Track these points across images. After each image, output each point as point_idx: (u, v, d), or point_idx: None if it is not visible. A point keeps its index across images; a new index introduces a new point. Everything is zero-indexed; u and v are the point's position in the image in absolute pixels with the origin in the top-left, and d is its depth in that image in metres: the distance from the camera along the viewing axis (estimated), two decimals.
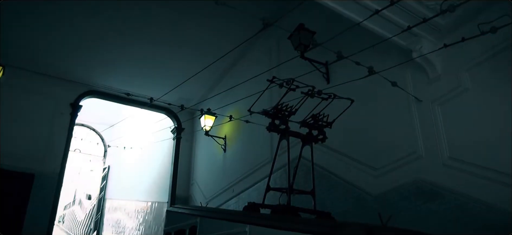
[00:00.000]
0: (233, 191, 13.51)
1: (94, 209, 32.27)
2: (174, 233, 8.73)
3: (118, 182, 28.10)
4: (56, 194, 14.05)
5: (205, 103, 14.45)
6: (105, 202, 30.31)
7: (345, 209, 8.50)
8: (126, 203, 25.45)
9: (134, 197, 24.10)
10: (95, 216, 30.84)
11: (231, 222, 6.72)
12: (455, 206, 6.47)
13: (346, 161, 8.88)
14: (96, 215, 30.56)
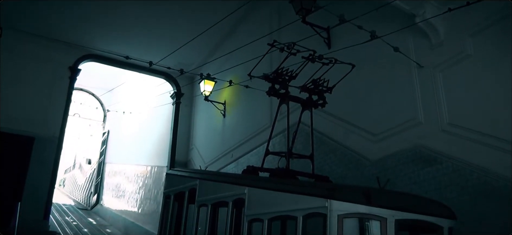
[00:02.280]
0: (232, 156, 13.60)
1: (94, 173, 32.61)
2: (174, 195, 8.82)
3: (117, 146, 28.27)
4: (56, 157, 14.14)
5: (204, 67, 14.35)
6: (105, 166, 30.59)
7: (344, 174, 8.57)
8: (125, 167, 25.68)
9: (134, 161, 24.29)
10: (95, 180, 31.19)
11: (230, 184, 6.77)
12: (453, 171, 6.51)
13: (345, 127, 8.89)
14: (96, 179, 30.90)
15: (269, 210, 5.51)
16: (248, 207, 6.00)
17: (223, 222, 6.79)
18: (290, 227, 6.49)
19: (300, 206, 4.93)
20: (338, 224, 4.45)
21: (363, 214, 4.56)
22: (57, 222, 22.22)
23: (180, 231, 8.10)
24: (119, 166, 27.23)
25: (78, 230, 22.05)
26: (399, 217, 4.52)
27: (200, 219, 7.58)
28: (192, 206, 7.91)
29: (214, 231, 7.51)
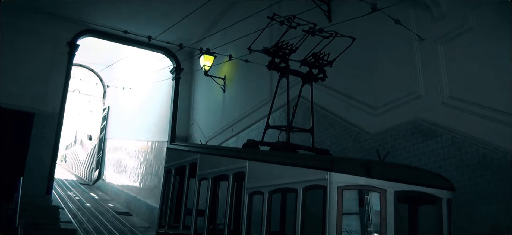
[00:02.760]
0: (232, 131, 13.64)
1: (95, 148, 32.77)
2: (175, 170, 8.89)
3: (118, 122, 28.33)
4: (57, 133, 14.19)
5: (204, 42, 14.24)
6: (106, 142, 30.72)
7: (343, 148, 8.62)
8: (126, 143, 25.80)
9: (135, 137, 24.38)
10: (96, 156, 31.37)
11: (231, 158, 6.82)
12: (452, 144, 6.55)
13: (345, 101, 8.90)
14: (98, 154, 31.07)
15: (270, 183, 5.57)
16: (249, 180, 6.06)
17: (224, 195, 6.87)
18: (291, 199, 6.59)
19: (300, 179, 4.98)
20: (338, 196, 4.51)
21: (362, 186, 4.62)
22: (59, 197, 22.44)
23: (182, 204, 8.19)
24: (120, 142, 27.35)
25: (80, 205, 22.30)
26: (398, 189, 4.57)
27: (201, 193, 7.67)
28: (193, 180, 8.00)
29: (215, 204, 7.62)
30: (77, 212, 19.93)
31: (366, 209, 4.92)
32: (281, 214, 7.26)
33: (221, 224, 7.16)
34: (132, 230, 17.60)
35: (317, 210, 4.76)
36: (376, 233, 4.67)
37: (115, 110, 29.54)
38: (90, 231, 16.12)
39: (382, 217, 4.50)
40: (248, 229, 5.89)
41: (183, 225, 7.90)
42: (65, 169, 40.15)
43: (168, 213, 8.82)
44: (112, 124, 29.74)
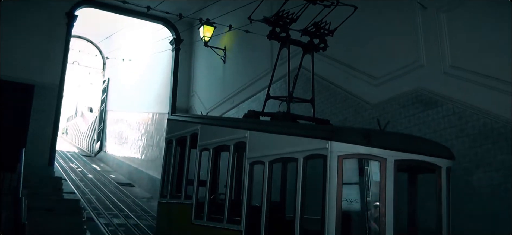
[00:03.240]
0: (232, 102, 13.64)
1: (96, 120, 32.85)
2: (176, 140, 8.92)
3: (118, 94, 28.30)
4: (58, 105, 14.18)
5: (203, 12, 14.06)
6: (107, 114, 30.77)
7: (344, 118, 8.63)
8: (127, 115, 25.84)
9: (135, 109, 24.40)
10: (97, 128, 31.48)
11: (232, 128, 6.83)
12: (453, 114, 6.55)
13: (346, 71, 8.85)
14: (99, 126, 31.17)
15: (270, 153, 5.59)
16: (249, 150, 6.08)
17: (225, 166, 6.92)
18: (291, 169, 6.63)
19: (301, 148, 4.99)
20: (338, 165, 4.53)
21: (363, 155, 4.64)
22: (62, 169, 22.64)
23: (183, 175, 8.26)
24: (120, 114, 27.39)
25: (83, 176, 22.51)
26: (398, 158, 4.59)
27: (202, 163, 7.72)
28: (194, 150, 8.04)
29: (216, 175, 7.68)
30: (79, 183, 20.15)
31: (366, 179, 4.96)
32: (282, 184, 7.32)
33: (222, 194, 7.24)
34: (135, 200, 17.82)
35: (318, 180, 4.80)
36: (376, 202, 4.71)
37: (115, 82, 29.46)
38: (93, 201, 16.33)
39: (381, 185, 4.54)
40: (249, 198, 5.95)
41: (185, 195, 7.98)
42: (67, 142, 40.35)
43: (169, 184, 8.90)
44: (112, 96, 29.71)
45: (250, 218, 5.84)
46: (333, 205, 4.48)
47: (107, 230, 12.08)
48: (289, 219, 5.39)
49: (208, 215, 6.97)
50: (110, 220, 13.55)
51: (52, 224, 8.94)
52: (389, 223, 4.43)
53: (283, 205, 7.16)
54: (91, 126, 34.66)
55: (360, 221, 5.28)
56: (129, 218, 14.17)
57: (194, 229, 7.30)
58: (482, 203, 6.00)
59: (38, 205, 9.42)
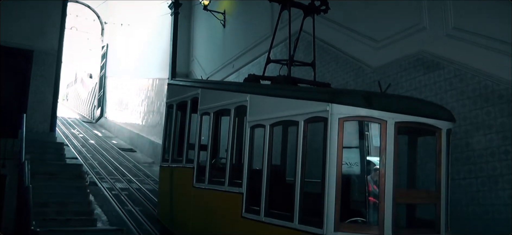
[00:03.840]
0: (233, 67, 13.56)
1: (96, 87, 32.79)
2: (176, 105, 8.92)
3: (117, 60, 28.11)
4: (57, 70, 14.08)
5: None
6: (106, 80, 30.68)
7: (345, 82, 8.59)
8: (127, 81, 25.77)
9: (135, 74, 24.30)
10: (98, 94, 31.46)
11: (232, 92, 6.81)
12: (454, 76, 6.51)
13: (347, 34, 8.75)
14: (99, 92, 31.14)
15: (271, 116, 5.59)
16: (250, 114, 6.07)
17: (226, 130, 6.93)
18: (292, 134, 6.64)
19: (302, 111, 4.98)
20: (338, 127, 4.53)
21: (363, 117, 4.63)
22: (63, 134, 22.77)
23: (184, 139, 8.30)
24: (120, 80, 27.31)
25: (84, 142, 22.66)
26: (399, 120, 4.58)
27: (203, 128, 7.74)
28: (195, 115, 8.05)
29: (217, 139, 7.71)
30: (81, 148, 20.30)
31: (366, 144, 4.96)
32: (282, 147, 7.36)
33: (223, 158, 7.29)
34: (137, 165, 18.00)
35: (318, 144, 4.82)
36: (376, 166, 4.74)
37: (114, 47, 29.23)
38: (95, 166, 16.51)
39: (382, 148, 4.55)
40: (250, 162, 5.99)
41: (186, 159, 8.04)
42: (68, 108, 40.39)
43: (171, 148, 8.96)
44: (111, 62, 29.54)
45: (251, 181, 5.90)
46: (333, 168, 4.51)
47: (110, 194, 12.26)
48: (290, 182, 5.44)
49: (210, 178, 7.04)
50: (113, 184, 13.73)
51: (56, 188, 9.06)
52: (389, 185, 4.47)
53: (284, 169, 7.22)
54: (91, 92, 34.62)
55: (360, 184, 5.34)
56: (131, 183, 14.36)
57: (195, 193, 7.40)
58: (481, 165, 6.05)
59: (41, 170, 9.53)
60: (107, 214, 10.11)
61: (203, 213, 7.19)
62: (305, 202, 4.92)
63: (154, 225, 9.71)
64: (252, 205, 5.70)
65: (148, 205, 11.49)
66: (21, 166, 7.75)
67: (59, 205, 8.32)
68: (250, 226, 5.66)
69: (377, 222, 4.48)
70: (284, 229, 4.98)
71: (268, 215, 5.32)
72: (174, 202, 8.47)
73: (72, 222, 7.77)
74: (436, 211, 4.80)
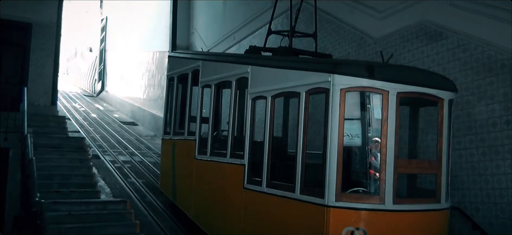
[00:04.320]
0: (233, 39, 13.45)
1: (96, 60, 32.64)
2: (177, 78, 8.88)
3: (117, 33, 27.88)
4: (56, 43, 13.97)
5: None
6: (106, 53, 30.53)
7: (347, 53, 8.53)
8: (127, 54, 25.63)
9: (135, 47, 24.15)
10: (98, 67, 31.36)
11: (233, 64, 6.77)
12: (457, 46, 6.45)
13: (349, 4, 8.63)
14: (99, 66, 31.04)
15: (272, 88, 5.56)
16: (251, 86, 6.04)
17: (227, 102, 6.92)
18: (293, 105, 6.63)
19: (303, 82, 4.96)
20: (340, 98, 4.51)
21: (365, 88, 4.60)
22: (65, 108, 22.80)
23: (185, 112, 8.30)
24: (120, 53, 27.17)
25: (86, 115, 22.71)
26: (401, 90, 4.56)
27: (204, 100, 7.73)
28: (196, 88, 8.02)
29: (218, 111, 7.71)
30: (83, 122, 20.37)
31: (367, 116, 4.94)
32: (284, 120, 7.36)
33: (225, 131, 7.30)
34: (139, 138, 18.09)
35: (319, 116, 4.81)
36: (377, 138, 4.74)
37: (113, 20, 28.97)
38: (97, 140, 16.59)
39: (383, 118, 4.54)
40: (252, 134, 5.99)
41: (188, 131, 8.06)
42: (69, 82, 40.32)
43: (172, 121, 8.98)
44: (111, 35, 29.32)
45: (253, 153, 5.92)
46: (335, 139, 4.51)
47: (113, 167, 12.37)
48: (291, 154, 5.46)
49: (212, 150, 7.07)
50: (115, 157, 13.83)
51: (59, 161, 9.12)
52: (390, 156, 4.48)
53: (285, 141, 7.23)
54: (91, 66, 34.49)
55: (361, 155, 5.36)
56: (134, 156, 14.46)
57: (197, 165, 7.45)
58: (482, 136, 6.06)
59: (43, 143, 9.57)
60: (111, 186, 10.22)
61: (205, 184, 7.25)
62: (307, 173, 4.94)
63: (157, 197, 9.82)
64: (254, 177, 5.74)
65: (150, 178, 11.60)
66: (24, 139, 7.79)
67: (62, 177, 8.39)
68: (252, 197, 5.72)
69: (378, 192, 4.51)
70: (285, 199, 5.03)
71: (270, 186, 5.36)
72: (176, 174, 8.54)
73: (76, 194, 7.83)
74: (437, 181, 4.83)
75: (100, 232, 6.66)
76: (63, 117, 12.93)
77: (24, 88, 10.16)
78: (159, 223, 8.31)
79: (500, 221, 5.78)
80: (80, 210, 7.19)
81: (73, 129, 15.41)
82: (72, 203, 7.27)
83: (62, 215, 6.84)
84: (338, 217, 4.42)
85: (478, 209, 6.06)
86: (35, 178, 5.63)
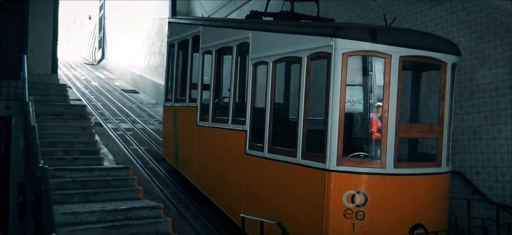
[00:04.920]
0: (234, 4, 13.24)
1: (96, 28, 32.35)
2: (178, 44, 8.80)
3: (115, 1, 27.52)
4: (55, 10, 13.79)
5: None
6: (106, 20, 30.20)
7: (349, 17, 8.40)
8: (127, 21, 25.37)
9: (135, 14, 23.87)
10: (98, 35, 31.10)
11: (234, 29, 6.69)
12: (462, 9, 6.34)
13: None
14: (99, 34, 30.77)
15: (274, 53, 5.51)
16: (253, 51, 6.00)
17: (228, 69, 6.88)
18: (295, 72, 6.59)
19: (305, 47, 4.90)
20: (342, 63, 4.47)
21: (368, 52, 4.55)
22: (66, 77, 22.74)
23: (186, 79, 8.26)
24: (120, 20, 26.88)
25: (87, 84, 22.68)
26: (403, 54, 4.51)
27: (205, 67, 7.69)
28: (197, 54, 7.97)
29: (219, 78, 7.67)
30: (84, 90, 20.35)
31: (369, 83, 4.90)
32: (285, 86, 7.33)
33: (226, 97, 7.29)
34: (140, 106, 18.11)
35: (321, 83, 4.77)
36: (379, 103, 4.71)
37: None
38: (99, 108, 16.61)
39: (386, 82, 4.51)
40: (253, 99, 5.98)
41: (189, 98, 8.06)
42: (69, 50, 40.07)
43: (173, 88, 8.95)
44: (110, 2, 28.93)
45: (255, 119, 5.93)
46: (336, 103, 4.50)
47: (115, 134, 12.42)
48: (293, 120, 5.46)
49: (213, 117, 7.08)
50: (117, 125, 13.88)
51: (61, 129, 9.16)
52: (392, 120, 4.47)
53: (287, 107, 7.23)
54: (91, 34, 34.21)
55: (363, 121, 5.35)
56: (136, 123, 14.50)
57: (199, 131, 7.48)
58: (485, 100, 6.03)
59: (45, 111, 9.59)
60: (113, 153, 10.29)
61: (207, 151, 7.30)
62: (308, 138, 4.96)
63: (159, 164, 9.91)
64: (255, 142, 5.77)
65: (153, 145, 11.67)
66: (25, 106, 7.79)
67: (65, 144, 8.44)
68: (253, 163, 5.76)
69: (379, 156, 4.53)
70: (287, 164, 5.07)
71: (272, 151, 5.39)
72: (178, 140, 8.59)
73: (79, 161, 7.90)
74: (438, 145, 4.84)
75: (104, 198, 6.75)
76: (64, 85, 12.91)
77: (24, 56, 10.08)
78: (162, 189, 8.42)
79: (500, 185, 5.83)
80: (84, 176, 7.27)
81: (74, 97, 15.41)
82: (75, 169, 7.34)
83: (66, 181, 6.93)
84: (339, 181, 4.46)
85: (478, 173, 6.10)
86: (37, 145, 5.67)
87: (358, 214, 4.40)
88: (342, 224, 4.40)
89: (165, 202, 7.64)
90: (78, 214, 5.81)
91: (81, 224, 5.68)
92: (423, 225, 4.58)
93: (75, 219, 5.74)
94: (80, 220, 5.77)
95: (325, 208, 4.43)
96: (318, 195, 4.53)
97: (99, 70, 28.92)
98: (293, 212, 4.94)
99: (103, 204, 6.38)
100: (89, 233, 5.53)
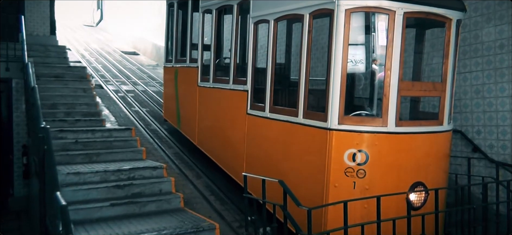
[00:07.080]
0: None
1: None
2: (177, 3, 8.61)
3: None
4: None
5: None
6: None
7: None
8: None
9: None
10: None
11: None
12: None
13: None
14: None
15: (275, 11, 5.41)
16: (253, 9, 5.88)
17: (229, 29, 6.77)
18: (296, 31, 6.48)
19: (307, 4, 4.80)
20: (345, 20, 4.39)
21: (371, 8, 4.46)
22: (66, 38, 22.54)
23: (187, 39, 8.16)
24: None
25: (87, 46, 22.50)
26: (408, 10, 4.42)
27: (205, 26, 7.57)
28: (197, 14, 7.82)
29: (220, 37, 7.57)
30: (84, 52, 20.21)
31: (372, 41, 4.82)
32: (287, 46, 7.24)
33: (227, 58, 7.22)
34: (141, 68, 18.02)
35: (323, 42, 4.69)
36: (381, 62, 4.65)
37: None
38: (99, 69, 16.53)
39: (389, 40, 4.44)
40: (254, 59, 5.92)
41: (190, 58, 7.98)
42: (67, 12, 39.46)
43: (173, 48, 8.86)
44: None
45: (256, 79, 5.89)
46: (339, 61, 4.44)
47: (116, 96, 12.41)
48: (294, 81, 5.41)
49: (214, 77, 7.04)
50: (118, 87, 13.85)
51: (62, 90, 9.14)
52: (394, 78, 4.43)
53: (288, 67, 7.17)
54: None
55: (365, 80, 5.31)
56: (136, 85, 14.47)
57: (200, 92, 7.45)
58: (489, 58, 5.96)
59: (45, 73, 9.55)
60: (115, 115, 10.32)
61: (208, 111, 7.30)
62: (310, 98, 4.93)
63: (161, 125, 9.94)
64: (257, 102, 5.75)
65: (154, 106, 11.68)
66: (25, 67, 7.74)
67: (67, 106, 8.44)
68: (255, 123, 5.76)
69: (381, 114, 4.52)
70: (289, 124, 5.06)
71: (273, 111, 5.38)
72: (180, 101, 8.57)
73: (81, 123, 7.93)
74: (440, 103, 4.82)
75: (107, 158, 6.81)
76: (63, 47, 12.78)
77: (21, 17, 9.94)
78: (164, 150, 8.47)
79: (501, 144, 5.84)
80: (87, 137, 7.31)
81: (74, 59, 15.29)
82: (78, 130, 7.37)
83: (68, 142, 6.97)
84: (341, 140, 4.46)
85: (480, 132, 6.10)
86: (39, 106, 5.66)
87: (359, 173, 4.43)
88: (343, 182, 4.45)
89: (168, 162, 7.71)
90: (82, 174, 5.86)
91: (85, 184, 5.73)
92: (423, 183, 4.62)
93: (78, 179, 5.80)
94: (84, 180, 5.82)
95: (326, 167, 4.46)
96: (320, 154, 4.55)
97: (98, 32, 28.61)
98: (295, 171, 4.98)
99: (106, 164, 6.42)
100: (93, 192, 5.58)
